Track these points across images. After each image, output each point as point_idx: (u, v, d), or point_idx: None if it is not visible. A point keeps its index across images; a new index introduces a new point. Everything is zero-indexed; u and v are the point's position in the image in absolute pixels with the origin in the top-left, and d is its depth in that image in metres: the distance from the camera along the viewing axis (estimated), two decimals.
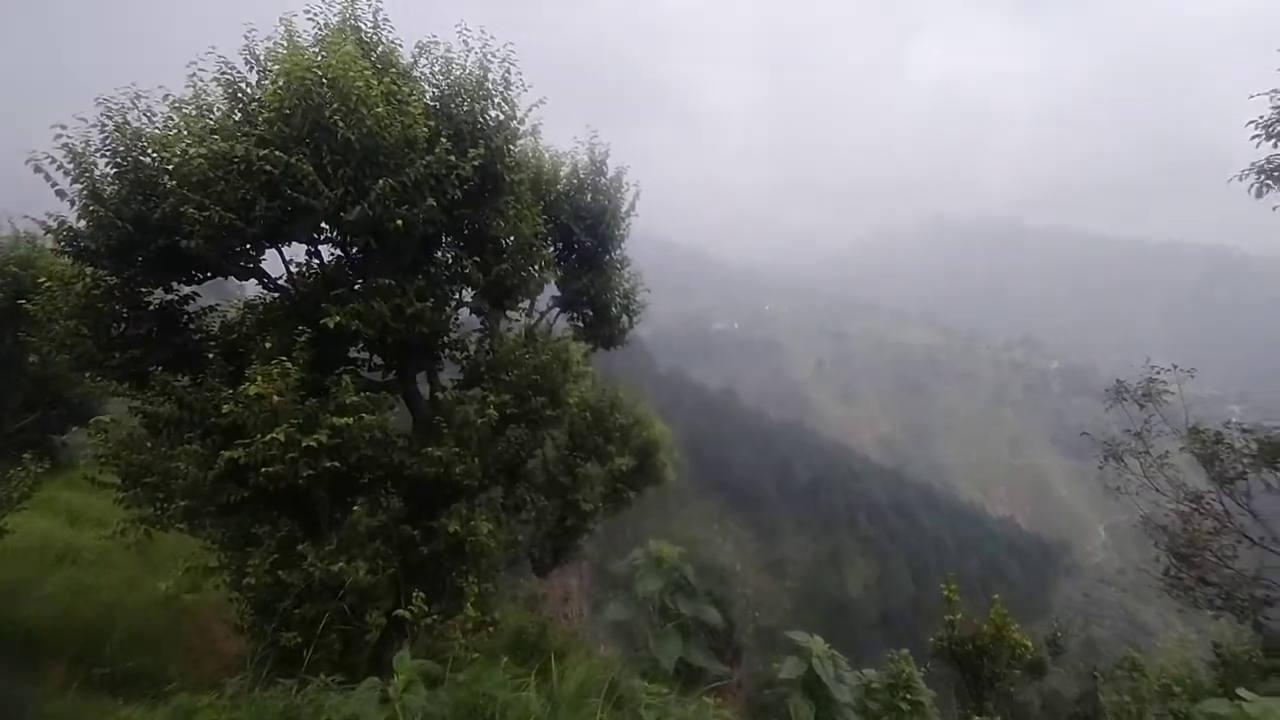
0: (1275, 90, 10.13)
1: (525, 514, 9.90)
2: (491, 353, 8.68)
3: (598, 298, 10.59)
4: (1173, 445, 10.36)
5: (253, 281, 7.87)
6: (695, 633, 5.76)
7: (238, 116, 7.08)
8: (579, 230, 10.13)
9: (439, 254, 8.25)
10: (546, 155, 10.08)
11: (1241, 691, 3.35)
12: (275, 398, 6.45)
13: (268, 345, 6.87)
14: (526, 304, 9.72)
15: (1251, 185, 10.35)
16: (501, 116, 7.80)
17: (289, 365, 6.56)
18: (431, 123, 7.16)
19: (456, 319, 8.65)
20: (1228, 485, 9.68)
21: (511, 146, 7.96)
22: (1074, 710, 13.10)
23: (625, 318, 11.20)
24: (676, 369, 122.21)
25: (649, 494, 12.67)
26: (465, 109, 7.54)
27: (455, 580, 7.94)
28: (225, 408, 6.54)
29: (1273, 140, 10.21)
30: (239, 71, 7.17)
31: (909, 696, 5.93)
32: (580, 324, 10.84)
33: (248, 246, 7.35)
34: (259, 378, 6.50)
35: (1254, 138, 10.32)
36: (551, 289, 10.41)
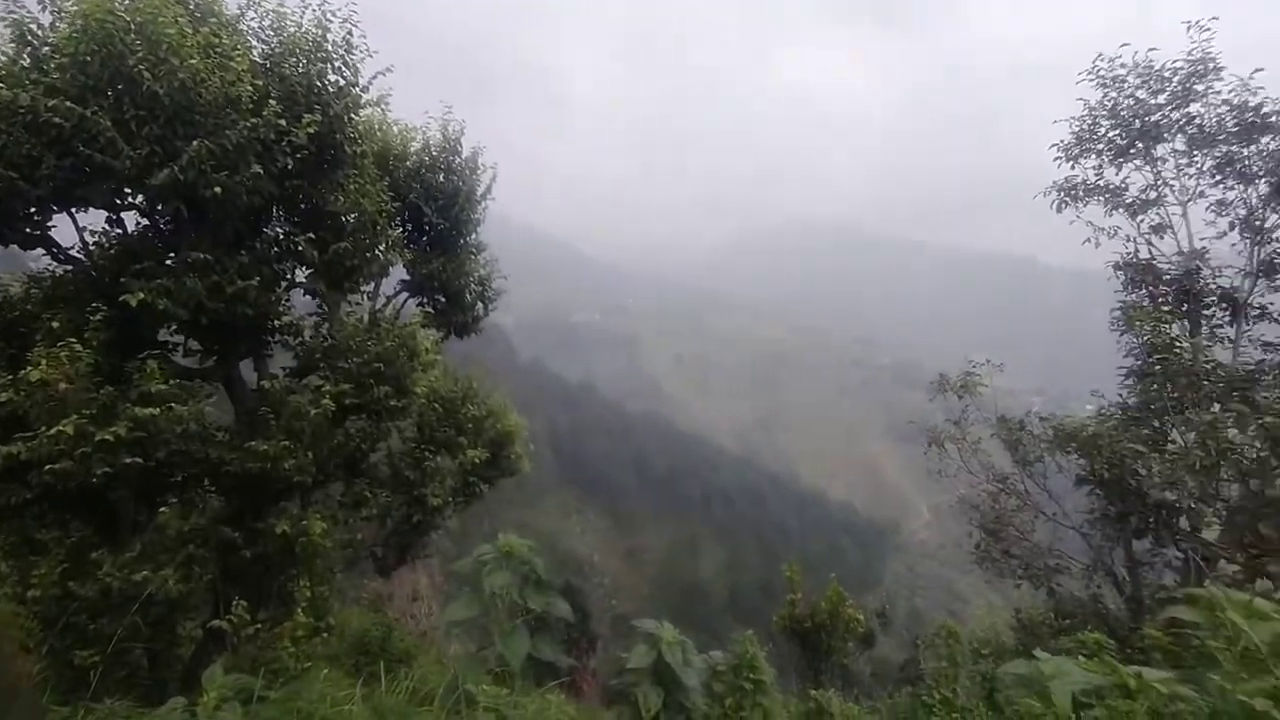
0: (1073, 118, 11.44)
1: (366, 511, 9.32)
2: (329, 338, 8.03)
3: (450, 283, 10.10)
4: (985, 432, 11.44)
5: (40, 252, 6.83)
6: (545, 627, 5.62)
7: (25, 62, 6.07)
8: (430, 211, 9.61)
9: (268, 228, 7.51)
10: (394, 129, 9.47)
11: (1037, 652, 3.67)
12: (63, 384, 5.61)
13: (55, 325, 5.97)
14: (370, 287, 9.10)
15: (1053, 201, 11.63)
16: (342, 81, 7.19)
17: (79, 348, 5.73)
18: (259, 82, 6.48)
19: (288, 300, 7.93)
20: (1028, 467, 10.82)
21: (353, 115, 7.37)
22: (899, 675, 14.23)
23: (480, 305, 10.78)
24: (537, 360, 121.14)
25: (507, 486, 12.36)
26: (300, 70, 6.87)
27: (285, 585, 7.32)
28: (2, 396, 5.64)
29: (1071, 162, 11.52)
30: (29, 12, 6.15)
31: (752, 676, 6.12)
32: (431, 310, 10.32)
33: (32, 210, 6.35)
34: (43, 361, 5.63)
35: (1056, 159, 11.60)
36: (400, 272, 9.82)
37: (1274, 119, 10.02)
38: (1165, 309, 10.54)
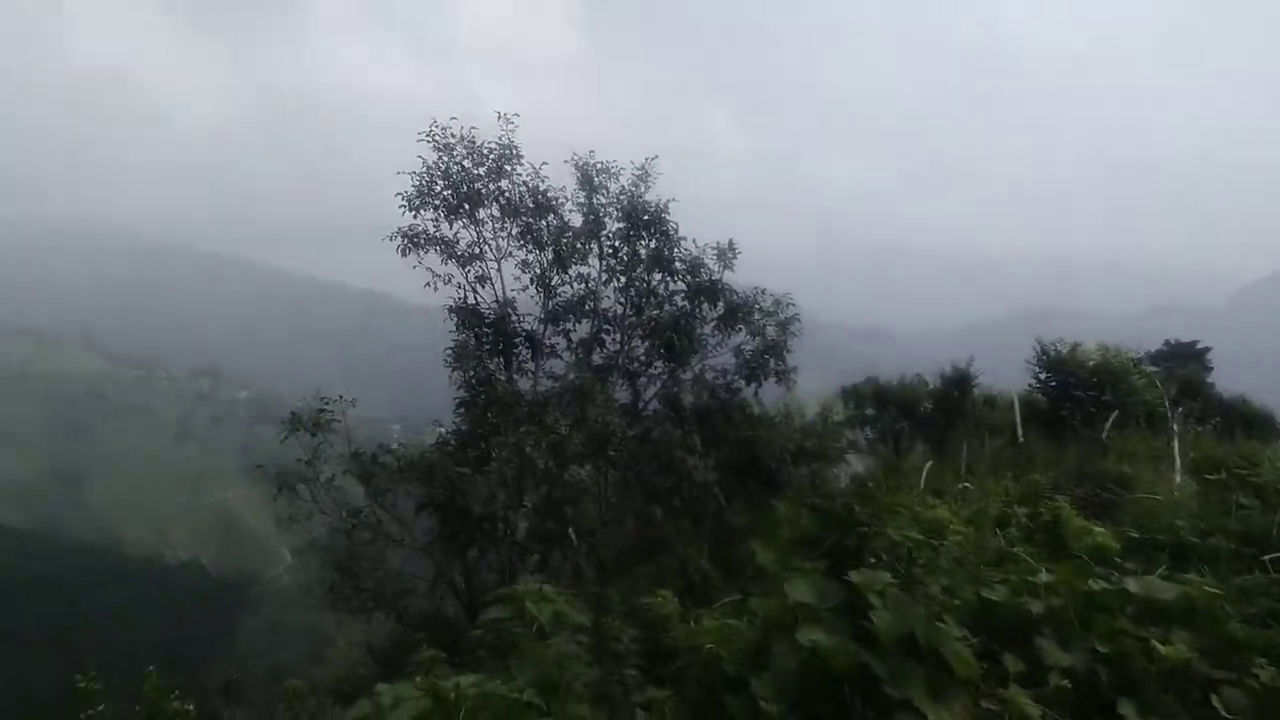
0: (414, 172, 12.41)
1: None
2: None
3: None
4: (340, 469, 11.31)
5: None
6: None
7: None
8: None
9: None
10: None
11: (379, 686, 3.52)
12: None
13: None
14: None
15: (399, 246, 12.41)
16: None
17: None
18: None
19: None
20: (380, 498, 11.11)
21: None
22: None
23: None
24: None
25: None
26: None
27: None
28: None
29: (413, 212, 12.49)
30: None
31: None
32: None
33: None
34: None
35: (400, 208, 12.42)
36: None
37: (554, 202, 12.90)
38: (486, 347, 12.36)
